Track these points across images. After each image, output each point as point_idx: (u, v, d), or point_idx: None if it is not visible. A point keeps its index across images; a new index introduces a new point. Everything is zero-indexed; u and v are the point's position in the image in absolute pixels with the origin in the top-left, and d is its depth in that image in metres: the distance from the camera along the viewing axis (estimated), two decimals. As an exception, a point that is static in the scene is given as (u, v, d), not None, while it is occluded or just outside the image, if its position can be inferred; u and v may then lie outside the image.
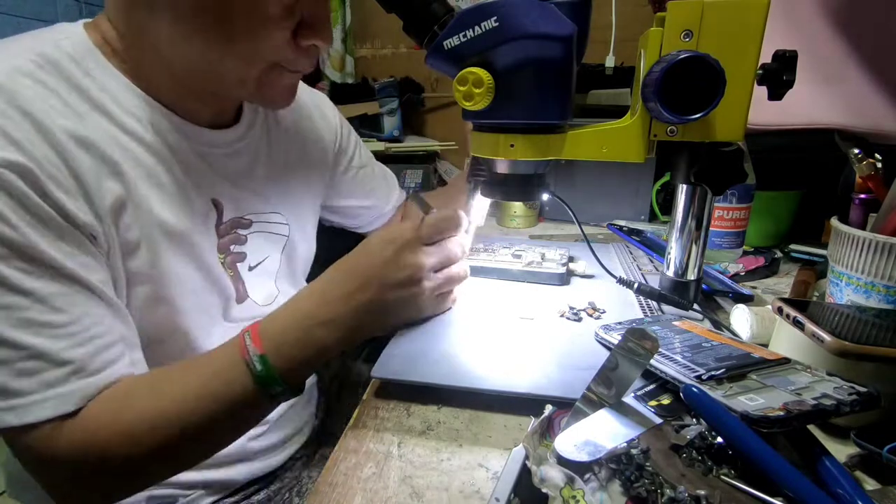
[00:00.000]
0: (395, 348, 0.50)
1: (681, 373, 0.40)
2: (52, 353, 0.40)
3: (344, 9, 1.57)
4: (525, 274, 0.67)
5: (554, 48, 0.44)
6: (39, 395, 0.39)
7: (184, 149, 0.51)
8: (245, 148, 0.58)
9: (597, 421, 0.36)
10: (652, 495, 0.30)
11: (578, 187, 1.03)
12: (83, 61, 0.45)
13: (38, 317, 0.39)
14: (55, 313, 0.40)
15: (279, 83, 0.50)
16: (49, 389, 0.40)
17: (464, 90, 0.44)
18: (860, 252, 0.49)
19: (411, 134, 1.65)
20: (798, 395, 0.36)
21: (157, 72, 0.48)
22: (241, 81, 0.48)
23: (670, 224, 0.57)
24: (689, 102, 0.42)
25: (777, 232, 0.86)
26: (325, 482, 0.37)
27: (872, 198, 0.52)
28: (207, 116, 0.53)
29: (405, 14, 0.47)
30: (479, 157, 0.53)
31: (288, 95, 0.52)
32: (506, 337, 0.52)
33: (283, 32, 0.45)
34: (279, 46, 0.46)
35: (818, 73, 0.72)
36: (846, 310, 0.47)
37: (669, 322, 0.52)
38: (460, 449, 0.40)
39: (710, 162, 0.48)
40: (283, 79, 0.50)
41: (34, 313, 0.39)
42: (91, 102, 0.45)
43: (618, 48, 1.24)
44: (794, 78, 0.46)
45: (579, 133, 0.49)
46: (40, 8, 1.59)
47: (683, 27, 0.44)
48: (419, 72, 1.61)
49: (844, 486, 0.31)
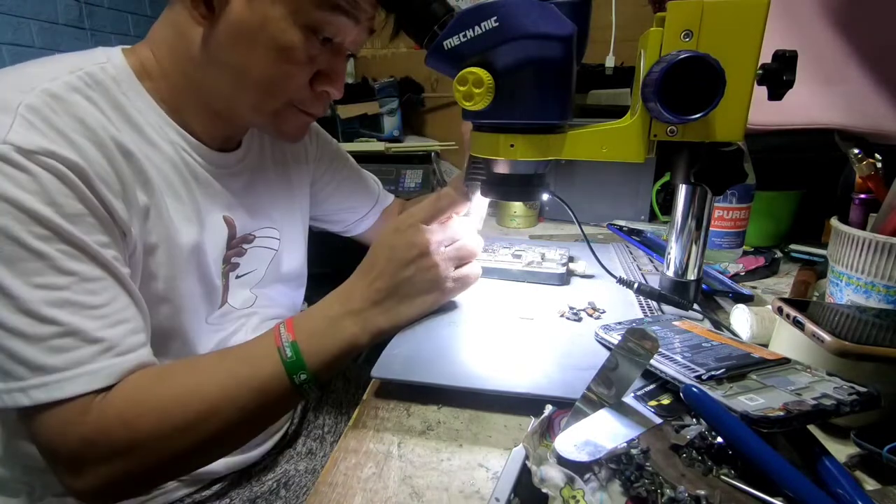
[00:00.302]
0: (395, 348, 0.50)
1: (681, 373, 0.40)
2: (86, 332, 0.42)
3: (344, 9, 1.57)
4: (525, 274, 0.67)
5: (554, 48, 0.44)
6: (71, 372, 0.41)
7: (198, 167, 0.57)
8: (243, 170, 0.64)
9: (597, 421, 0.36)
10: (652, 495, 0.30)
11: (578, 187, 1.03)
12: (122, 83, 0.51)
13: (75, 297, 0.42)
14: (91, 295, 0.43)
15: (293, 120, 0.57)
16: (81, 366, 0.42)
17: (464, 90, 0.44)
18: (860, 252, 0.49)
19: (411, 134, 1.65)
20: (798, 395, 0.36)
21: (183, 96, 0.55)
22: (258, 111, 0.55)
23: (670, 224, 0.57)
24: (689, 102, 0.42)
25: (777, 232, 0.86)
26: (325, 482, 0.37)
27: (872, 198, 0.52)
28: (219, 140, 0.60)
29: (405, 14, 0.47)
30: (477, 158, 0.53)
31: (300, 132, 0.59)
32: (506, 337, 0.52)
33: (303, 76, 0.53)
34: (297, 88, 0.54)
35: (818, 73, 0.72)
36: (846, 310, 0.47)
37: (669, 322, 0.52)
38: (460, 449, 0.40)
39: (710, 162, 0.48)
40: (297, 118, 0.57)
41: (72, 293, 0.42)
42: (127, 118, 0.51)
43: (618, 48, 1.25)
44: (794, 78, 0.46)
45: (579, 133, 0.49)
46: (40, 8, 1.59)
47: (683, 27, 0.44)
48: (419, 72, 1.61)
49: (844, 486, 0.31)
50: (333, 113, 1.40)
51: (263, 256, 0.68)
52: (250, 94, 0.53)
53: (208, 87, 0.54)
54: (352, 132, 1.46)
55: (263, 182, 0.67)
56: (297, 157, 0.75)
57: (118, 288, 0.46)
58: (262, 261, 0.68)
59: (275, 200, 0.69)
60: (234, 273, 0.63)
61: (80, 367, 0.42)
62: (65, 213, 0.42)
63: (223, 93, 0.54)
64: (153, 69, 0.54)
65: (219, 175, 0.60)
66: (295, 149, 0.74)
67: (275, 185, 0.69)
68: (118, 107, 0.50)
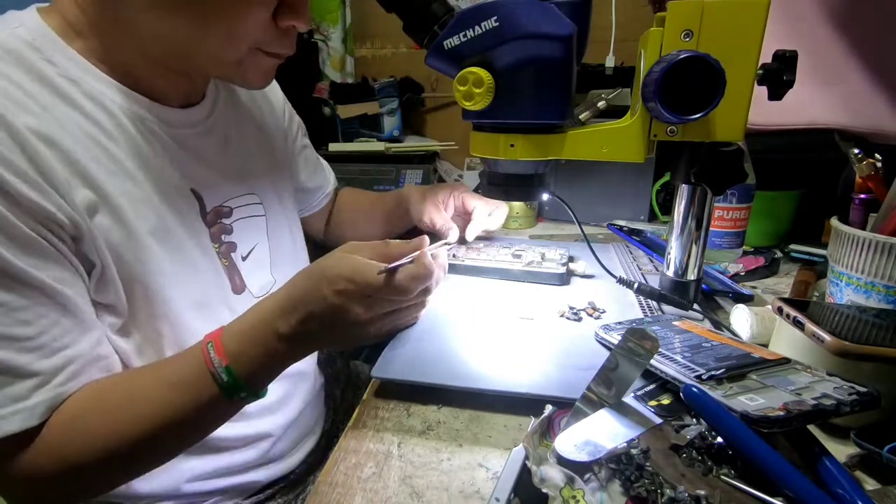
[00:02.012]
0: (395, 348, 0.50)
1: (681, 373, 0.40)
2: (18, 367, 0.39)
3: (344, 9, 1.57)
4: (525, 274, 0.67)
5: (554, 48, 0.44)
6: (7, 410, 0.39)
7: (156, 133, 0.50)
8: (215, 125, 0.57)
9: (597, 421, 0.36)
10: (652, 495, 0.30)
11: (578, 187, 1.02)
12: (42, 48, 0.43)
13: (5, 330, 0.39)
14: (23, 326, 0.40)
15: (259, 66, 0.49)
16: (15, 403, 0.39)
17: (464, 90, 0.44)
18: (860, 252, 0.49)
19: (411, 134, 1.65)
20: (798, 395, 0.36)
21: (126, 52, 0.47)
22: (220, 62, 0.47)
23: (670, 224, 0.57)
24: (689, 102, 0.42)
25: (777, 232, 0.85)
26: (325, 482, 0.37)
27: (872, 198, 0.52)
28: (177, 96, 0.52)
29: (405, 14, 0.47)
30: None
31: (266, 77, 0.52)
32: (506, 337, 0.52)
33: (263, 13, 0.44)
34: (259, 27, 0.45)
35: (818, 74, 0.72)
36: (846, 310, 0.47)
37: (669, 322, 0.52)
38: (460, 449, 0.40)
39: (710, 162, 0.48)
40: (263, 62, 0.49)
41: (2, 327, 0.39)
42: (55, 91, 0.43)
43: (618, 48, 1.24)
44: (794, 78, 0.46)
45: (579, 133, 0.49)
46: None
47: (683, 27, 0.44)
48: (419, 72, 1.60)
49: (844, 486, 0.31)
50: (333, 113, 1.40)
51: (256, 227, 0.60)
52: (209, 42, 0.44)
53: (154, 37, 0.45)
54: (352, 132, 1.45)
55: (239, 138, 0.60)
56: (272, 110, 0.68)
57: (55, 311, 0.41)
58: (258, 233, 0.61)
59: (250, 161, 0.61)
60: (235, 254, 0.57)
61: (15, 403, 0.39)
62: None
63: (175, 43, 0.45)
64: (81, 25, 0.45)
65: (184, 137, 0.52)
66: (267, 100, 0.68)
67: (249, 141, 0.61)
68: (41, 79, 0.42)
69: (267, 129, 0.66)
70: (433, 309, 0.59)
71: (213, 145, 0.56)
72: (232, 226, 0.58)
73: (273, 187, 0.64)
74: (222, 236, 0.56)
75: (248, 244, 0.60)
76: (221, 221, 0.56)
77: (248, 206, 0.60)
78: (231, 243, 0.57)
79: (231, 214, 0.58)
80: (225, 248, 0.57)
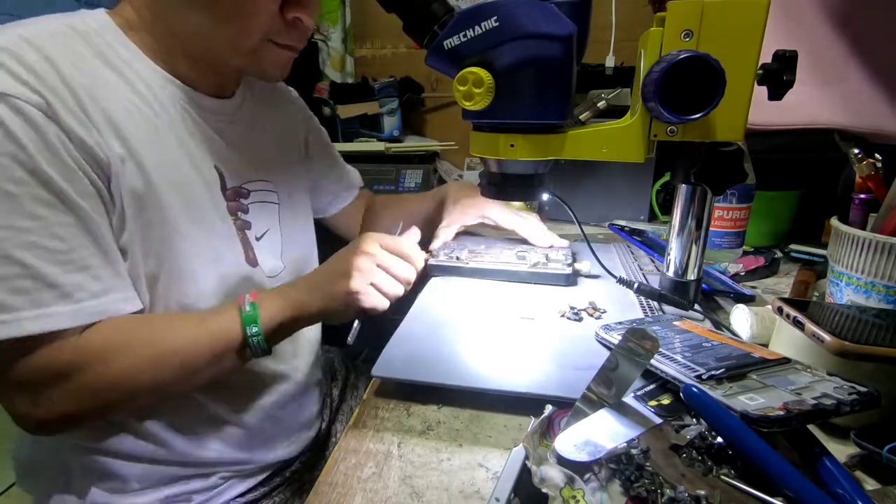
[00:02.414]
0: (395, 348, 0.50)
1: (681, 373, 0.40)
2: (46, 276, 0.44)
3: (344, 9, 1.57)
4: (532, 275, 0.67)
5: (554, 48, 0.43)
6: (28, 313, 0.43)
7: (189, 112, 0.56)
8: (242, 118, 0.64)
9: (597, 421, 0.36)
10: (652, 495, 0.30)
11: (578, 187, 1.03)
12: (105, 35, 0.51)
13: (38, 240, 0.43)
14: (56, 240, 0.44)
15: (271, 57, 0.55)
16: (37, 308, 0.44)
17: (464, 90, 0.44)
18: (860, 252, 0.49)
19: (411, 134, 1.65)
20: (798, 395, 0.36)
21: (168, 45, 0.54)
22: (237, 52, 0.53)
23: (670, 224, 0.57)
24: (689, 102, 0.42)
25: (777, 232, 0.85)
26: (325, 482, 0.37)
27: (872, 198, 0.52)
28: (211, 88, 0.59)
29: (405, 14, 0.47)
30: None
31: (281, 69, 0.57)
32: (506, 337, 0.52)
33: (270, 4, 0.50)
34: (267, 19, 0.51)
35: (818, 73, 0.72)
36: (846, 310, 0.47)
37: (670, 322, 0.52)
38: (460, 449, 0.40)
39: (710, 162, 0.48)
40: (275, 54, 0.54)
41: (37, 237, 0.43)
42: (109, 66, 0.50)
43: (618, 48, 1.25)
44: (794, 78, 0.46)
45: (579, 133, 0.49)
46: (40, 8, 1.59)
47: (683, 27, 0.44)
48: (419, 72, 1.61)
49: (844, 486, 0.31)
50: (333, 113, 1.41)
51: (269, 212, 0.66)
52: (223, 32, 0.51)
53: (183, 30, 0.53)
54: (352, 132, 1.45)
55: (261, 134, 0.66)
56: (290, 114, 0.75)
57: (86, 234, 0.46)
58: (271, 217, 0.66)
59: (270, 150, 0.67)
60: (249, 232, 0.62)
61: (36, 308, 0.44)
62: (33, 156, 0.42)
63: (198, 34, 0.52)
64: (134, 22, 0.54)
65: (214, 122, 0.59)
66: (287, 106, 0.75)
67: (270, 133, 0.68)
68: (100, 55, 0.50)
69: (286, 133, 0.72)
70: (433, 308, 0.59)
71: (238, 134, 0.62)
72: (248, 206, 0.63)
73: (287, 182, 0.69)
74: (238, 213, 0.61)
75: (261, 226, 0.64)
76: (239, 200, 0.62)
77: (264, 192, 0.65)
78: (247, 221, 0.62)
79: (248, 196, 0.63)
80: (241, 223, 0.61)
